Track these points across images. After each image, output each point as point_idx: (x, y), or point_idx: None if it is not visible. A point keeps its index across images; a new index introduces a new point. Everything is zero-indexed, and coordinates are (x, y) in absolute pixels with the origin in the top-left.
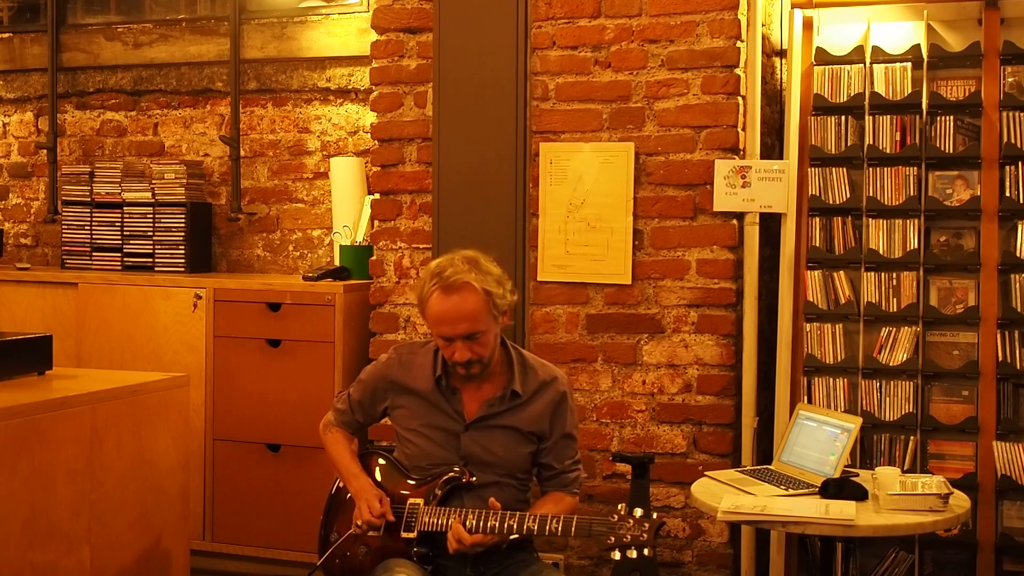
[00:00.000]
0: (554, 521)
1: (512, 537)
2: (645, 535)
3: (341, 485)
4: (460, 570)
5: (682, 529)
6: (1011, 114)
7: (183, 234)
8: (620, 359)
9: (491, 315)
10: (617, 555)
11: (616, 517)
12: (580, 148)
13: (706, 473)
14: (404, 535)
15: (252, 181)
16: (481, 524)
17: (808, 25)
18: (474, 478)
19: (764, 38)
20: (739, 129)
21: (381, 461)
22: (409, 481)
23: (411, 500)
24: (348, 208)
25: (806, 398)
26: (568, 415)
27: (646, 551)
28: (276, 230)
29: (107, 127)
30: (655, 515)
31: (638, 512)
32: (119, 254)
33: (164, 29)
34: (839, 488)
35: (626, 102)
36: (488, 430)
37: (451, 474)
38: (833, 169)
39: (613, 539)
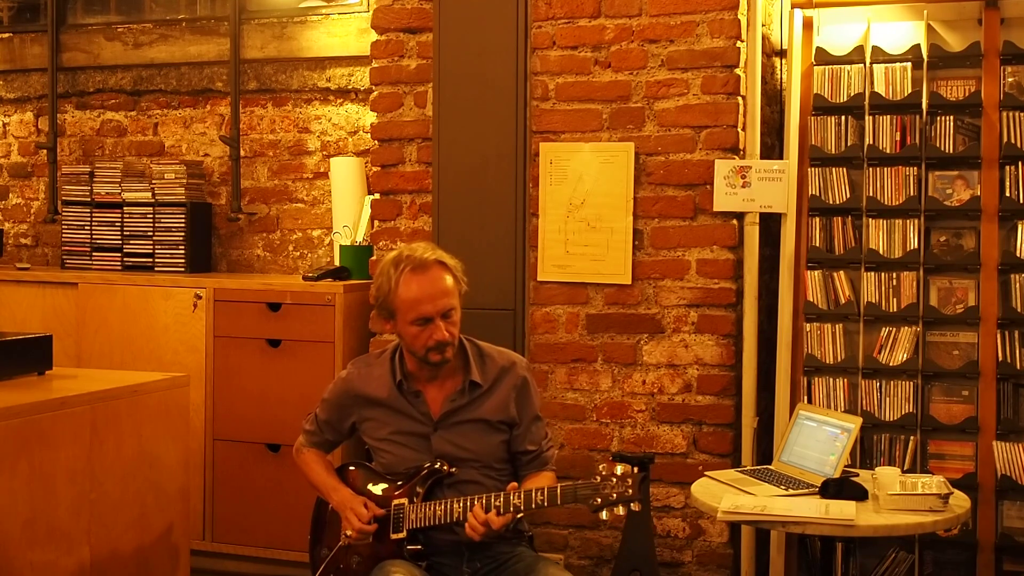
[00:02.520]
0: (539, 494)
1: (518, 516)
2: (630, 490)
3: (322, 503)
4: (456, 566)
5: (682, 529)
6: (1011, 114)
7: (183, 234)
8: (620, 359)
9: (459, 294)
10: (605, 515)
11: (599, 478)
12: (580, 148)
13: (706, 473)
14: (394, 536)
15: (252, 181)
16: (467, 510)
17: (808, 25)
18: (454, 468)
19: (764, 38)
20: (739, 129)
21: (359, 471)
22: (389, 484)
23: (395, 501)
24: (348, 208)
25: (806, 398)
26: (533, 398)
27: (633, 505)
28: (276, 230)
29: (107, 127)
30: (635, 469)
31: (619, 468)
32: (119, 254)
33: (164, 29)
34: (839, 488)
35: (626, 102)
36: (456, 426)
37: (428, 468)
38: (833, 169)
39: (600, 500)
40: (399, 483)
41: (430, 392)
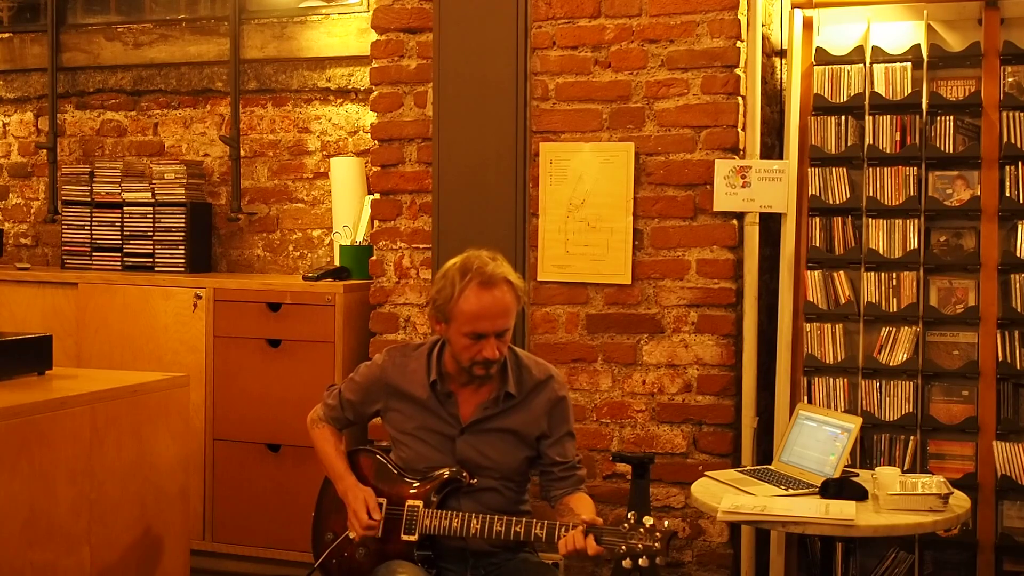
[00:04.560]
0: (563, 530)
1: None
2: (658, 544)
3: (327, 486)
4: (462, 573)
5: (682, 529)
6: (1011, 114)
7: (183, 234)
8: (620, 359)
9: (516, 313)
10: (628, 563)
11: (627, 526)
12: (580, 148)
13: (706, 473)
14: (405, 538)
15: (252, 181)
16: (486, 531)
17: (808, 25)
18: (474, 480)
19: (764, 38)
20: (739, 129)
21: (377, 460)
22: (406, 481)
23: (410, 502)
24: (348, 208)
25: (806, 398)
26: (566, 414)
27: (658, 560)
28: (276, 230)
29: (107, 127)
30: (667, 523)
31: (648, 521)
32: (119, 254)
33: (164, 29)
34: (839, 488)
35: (626, 102)
36: (484, 434)
37: (449, 475)
38: (833, 169)
39: (624, 548)
40: (415, 483)
41: (463, 395)
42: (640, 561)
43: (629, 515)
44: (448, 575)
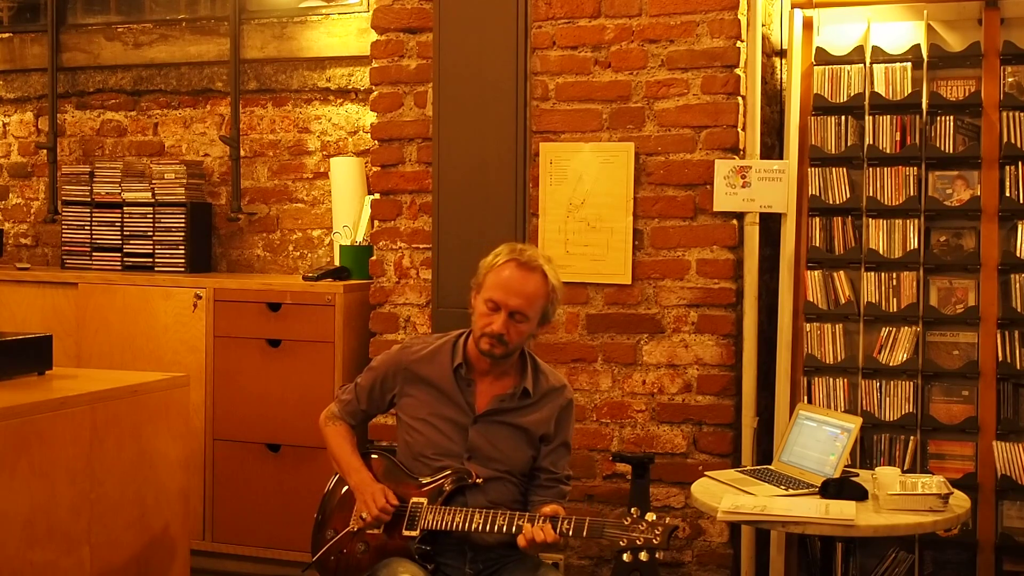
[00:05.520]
0: (565, 522)
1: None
2: (658, 538)
3: (334, 486)
4: (460, 568)
5: (682, 529)
6: (1011, 114)
7: (183, 234)
8: (620, 359)
9: (541, 311)
10: (628, 557)
11: (629, 520)
12: (580, 148)
13: (706, 473)
14: (406, 533)
15: (252, 181)
16: (489, 525)
17: (808, 25)
18: (479, 479)
19: (764, 38)
20: (739, 129)
21: (383, 461)
22: (411, 480)
23: (414, 499)
24: (348, 208)
25: (806, 398)
26: (570, 425)
27: (658, 554)
28: (276, 230)
29: (107, 127)
30: (668, 519)
31: (651, 516)
32: (119, 254)
33: (164, 29)
34: (839, 488)
35: (626, 102)
36: (496, 426)
37: (457, 473)
38: (833, 169)
39: (625, 541)
40: (422, 479)
41: (482, 385)
42: (640, 555)
43: (632, 510)
44: (447, 570)
